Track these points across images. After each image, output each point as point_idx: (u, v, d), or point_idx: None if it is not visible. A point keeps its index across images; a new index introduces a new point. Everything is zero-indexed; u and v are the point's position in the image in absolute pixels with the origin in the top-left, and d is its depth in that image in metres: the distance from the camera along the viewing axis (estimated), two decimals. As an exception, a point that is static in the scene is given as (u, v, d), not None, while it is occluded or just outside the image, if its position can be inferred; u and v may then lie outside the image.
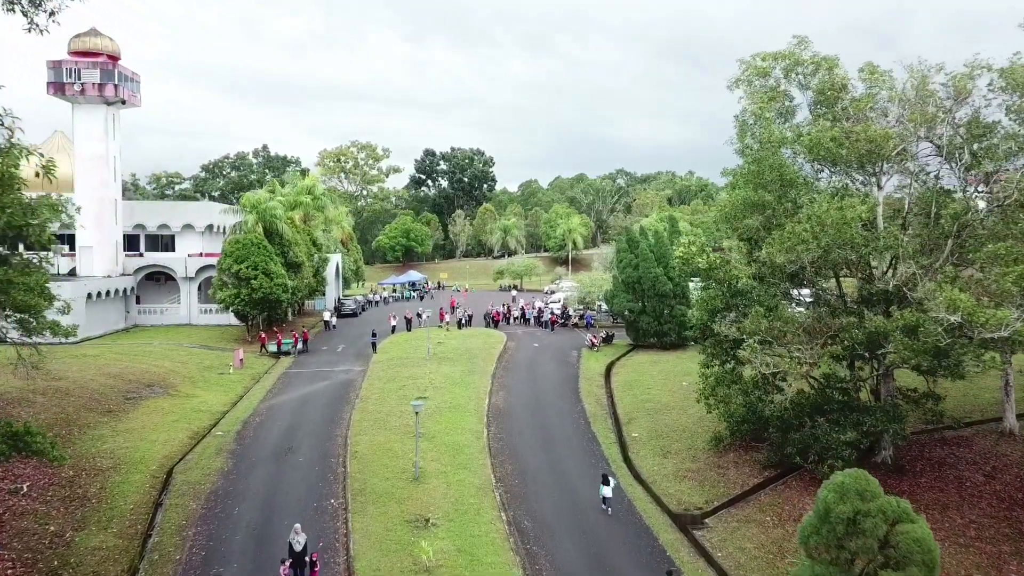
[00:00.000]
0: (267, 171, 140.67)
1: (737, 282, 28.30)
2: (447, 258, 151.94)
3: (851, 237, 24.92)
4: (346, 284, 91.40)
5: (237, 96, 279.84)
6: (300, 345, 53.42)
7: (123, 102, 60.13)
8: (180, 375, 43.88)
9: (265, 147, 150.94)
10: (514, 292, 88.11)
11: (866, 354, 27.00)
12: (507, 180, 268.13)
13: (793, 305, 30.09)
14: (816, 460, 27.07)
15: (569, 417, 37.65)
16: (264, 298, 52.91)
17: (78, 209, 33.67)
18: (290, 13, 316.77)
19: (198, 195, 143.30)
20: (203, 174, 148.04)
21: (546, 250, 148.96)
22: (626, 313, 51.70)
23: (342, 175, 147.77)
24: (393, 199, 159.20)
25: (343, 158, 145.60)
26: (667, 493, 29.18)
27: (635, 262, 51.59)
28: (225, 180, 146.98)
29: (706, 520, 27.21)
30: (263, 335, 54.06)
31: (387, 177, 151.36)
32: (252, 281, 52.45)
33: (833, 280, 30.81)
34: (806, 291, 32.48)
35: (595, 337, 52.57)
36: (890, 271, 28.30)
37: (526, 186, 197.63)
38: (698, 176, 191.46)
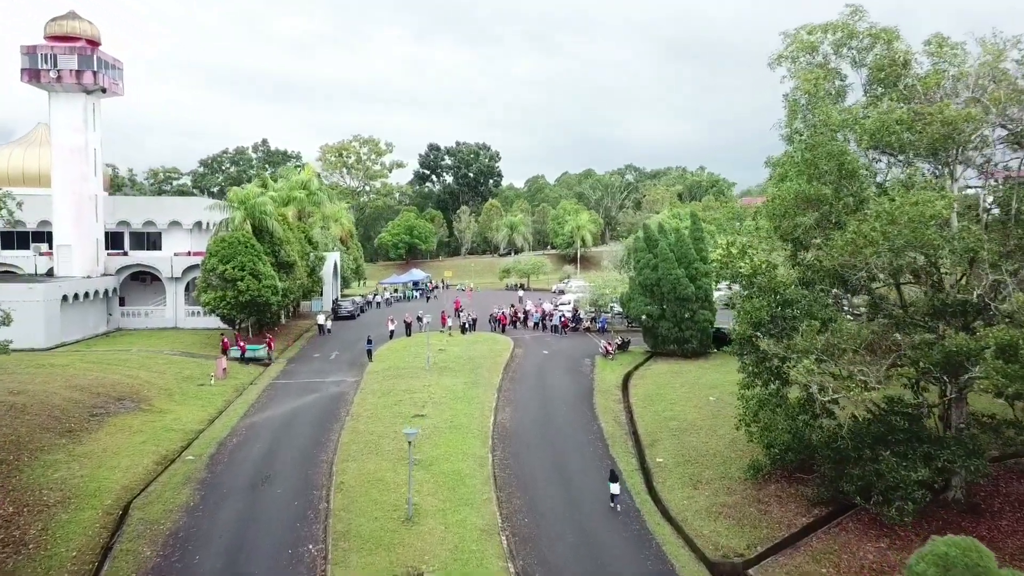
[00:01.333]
0: (267, 166, 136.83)
1: (785, 290, 24.13)
2: (452, 255, 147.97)
3: (929, 237, 20.75)
4: (345, 284, 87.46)
5: (238, 95, 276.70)
6: (265, 352, 49.39)
7: (103, 90, 56.16)
8: (156, 387, 39.98)
9: (265, 142, 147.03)
10: (520, 292, 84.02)
11: (944, 377, 22.83)
12: (512, 177, 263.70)
13: (848, 317, 25.91)
14: (881, 500, 22.95)
15: (584, 438, 33.58)
16: (252, 301, 48.95)
17: (19, 204, 29.71)
18: (291, 12, 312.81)
19: (196, 191, 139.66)
20: (202, 169, 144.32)
21: (553, 247, 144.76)
22: (643, 318, 47.55)
23: (344, 170, 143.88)
24: (396, 195, 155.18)
25: (345, 153, 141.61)
26: (701, 534, 25.11)
27: (654, 262, 47.41)
28: (224, 176, 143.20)
29: (749, 572, 23.12)
30: (225, 340, 50.03)
31: (390, 172, 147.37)
32: (238, 283, 48.49)
33: (889, 288, 26.66)
34: (854, 299, 28.41)
35: (610, 344, 48.45)
36: (964, 278, 24.16)
37: (532, 182, 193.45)
38: (709, 172, 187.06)
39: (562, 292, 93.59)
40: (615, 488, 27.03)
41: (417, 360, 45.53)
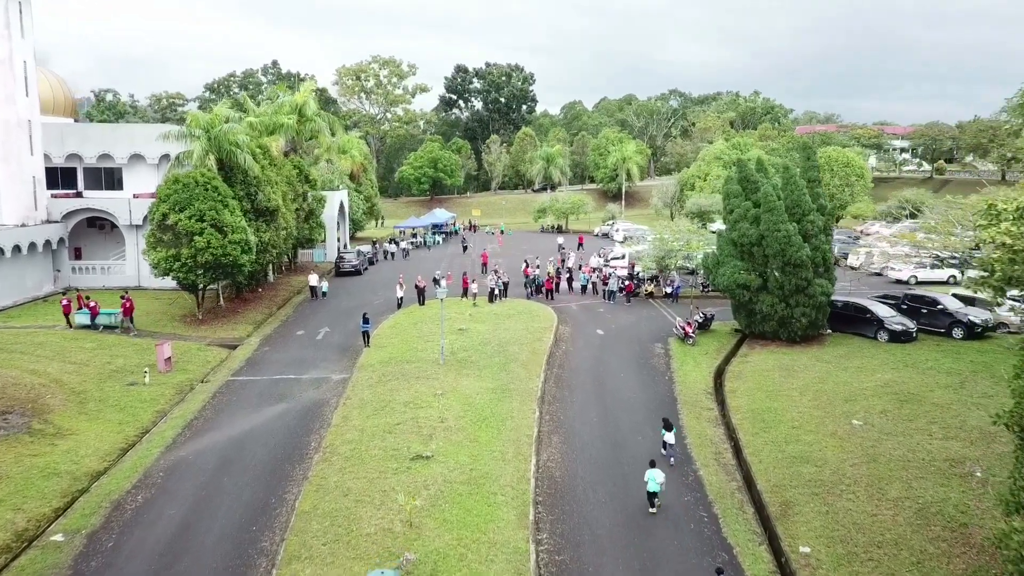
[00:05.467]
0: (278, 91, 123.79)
1: None
2: (481, 191, 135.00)
3: None
4: (356, 227, 75.61)
5: (271, 20, 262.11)
6: (123, 318, 37.95)
7: (29, -15, 43.66)
8: (66, 389, 28.79)
9: (275, 63, 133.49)
10: (560, 238, 71.23)
11: None
12: (545, 105, 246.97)
13: None
14: None
15: (677, 499, 21.59)
16: (215, 261, 37.21)
17: None
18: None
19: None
20: (207, 94, 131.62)
21: (592, 181, 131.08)
22: (736, 289, 34.88)
23: (362, 95, 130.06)
24: (420, 123, 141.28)
25: (363, 75, 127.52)
26: None
27: (753, 213, 34.44)
28: (232, 101, 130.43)
29: None
30: (67, 301, 38.49)
31: (413, 97, 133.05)
32: (196, 237, 36.72)
33: None
34: None
35: (690, 324, 35.97)
36: None
37: (569, 108, 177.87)
38: (764, 97, 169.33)
39: (606, 235, 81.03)
40: (670, 437, 23.53)
41: (428, 346, 33.60)
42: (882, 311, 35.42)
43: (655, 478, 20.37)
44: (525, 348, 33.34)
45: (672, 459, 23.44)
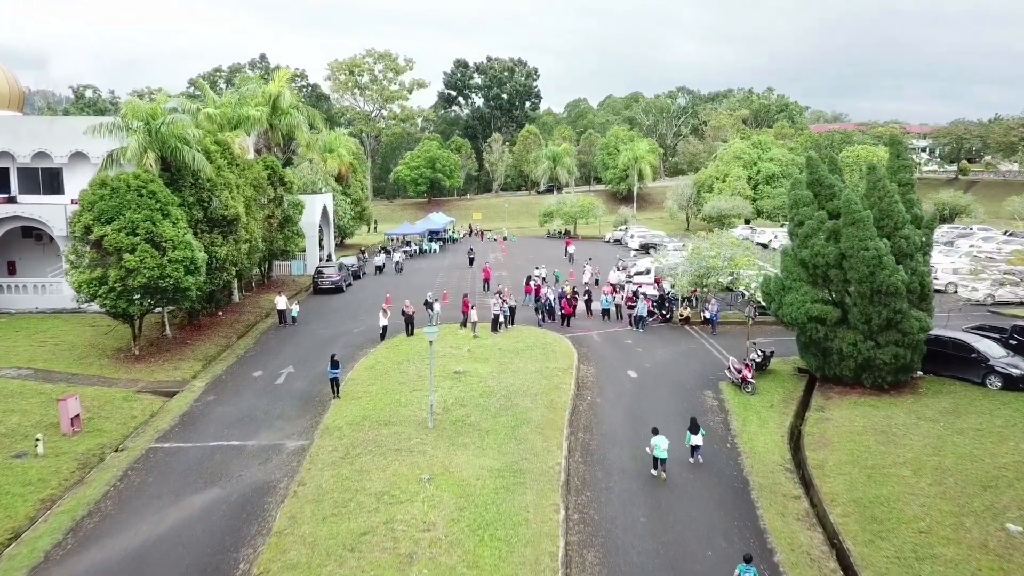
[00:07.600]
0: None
1: None
2: (482, 192, 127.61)
3: None
4: (344, 233, 68.17)
5: (272, 20, 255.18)
6: None
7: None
8: (-74, 465, 21.30)
9: (263, 57, 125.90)
10: (571, 247, 63.54)
11: None
12: (548, 103, 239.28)
13: None
14: None
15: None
16: (152, 284, 29.74)
17: None
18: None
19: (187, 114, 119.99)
20: (191, 89, 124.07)
21: (599, 182, 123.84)
22: (809, 323, 27.38)
23: (356, 91, 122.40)
24: (418, 121, 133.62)
25: (357, 70, 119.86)
26: None
27: (831, 226, 26.96)
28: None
29: None
30: None
31: (410, 94, 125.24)
32: (127, 255, 29.28)
33: None
34: None
35: (748, 366, 28.40)
36: None
37: (573, 106, 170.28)
38: (779, 94, 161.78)
39: (618, 242, 73.74)
40: (697, 439, 21.94)
41: (414, 398, 26.06)
42: (989, 348, 27.97)
43: (661, 444, 20.90)
44: (540, 401, 25.80)
45: (700, 459, 22.19)
